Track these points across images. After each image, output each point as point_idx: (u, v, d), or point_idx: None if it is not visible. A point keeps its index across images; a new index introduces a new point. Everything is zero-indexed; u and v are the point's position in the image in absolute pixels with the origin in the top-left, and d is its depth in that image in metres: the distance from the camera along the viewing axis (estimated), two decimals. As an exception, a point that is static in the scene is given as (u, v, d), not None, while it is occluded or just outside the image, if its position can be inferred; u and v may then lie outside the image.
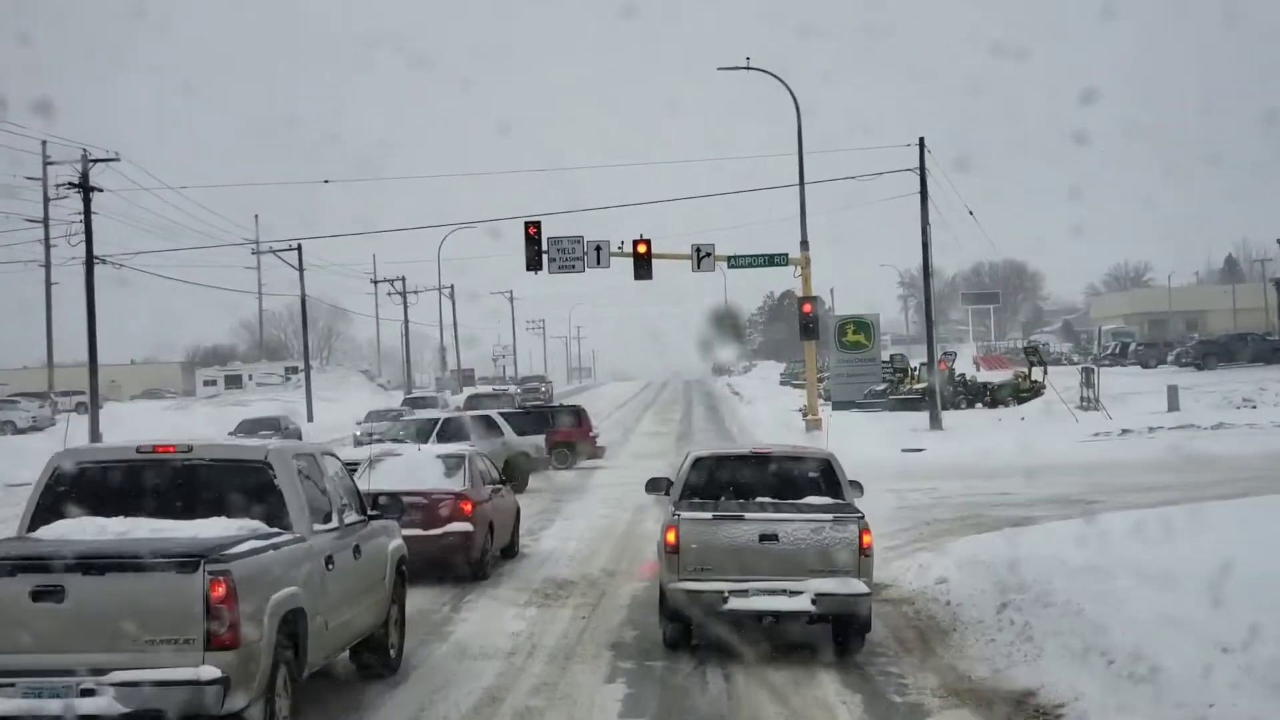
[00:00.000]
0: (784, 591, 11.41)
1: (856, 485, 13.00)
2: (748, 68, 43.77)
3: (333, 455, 10.47)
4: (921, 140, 42.18)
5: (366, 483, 16.09)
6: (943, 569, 15.24)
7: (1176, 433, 35.45)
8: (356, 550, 9.86)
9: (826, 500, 12.33)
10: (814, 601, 11.35)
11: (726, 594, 11.41)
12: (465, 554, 15.65)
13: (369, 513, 10.59)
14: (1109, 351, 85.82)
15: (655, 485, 14.05)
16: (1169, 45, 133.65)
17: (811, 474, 12.77)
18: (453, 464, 16.52)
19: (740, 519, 11.65)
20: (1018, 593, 12.66)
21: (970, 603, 13.21)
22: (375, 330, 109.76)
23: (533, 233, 41.04)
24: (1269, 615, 9.59)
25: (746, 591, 11.40)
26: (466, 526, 15.58)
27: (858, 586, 11.40)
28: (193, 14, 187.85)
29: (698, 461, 13.05)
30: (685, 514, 11.78)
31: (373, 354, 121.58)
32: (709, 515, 11.77)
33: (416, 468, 16.27)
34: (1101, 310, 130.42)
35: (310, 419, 64.53)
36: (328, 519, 9.45)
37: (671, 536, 11.66)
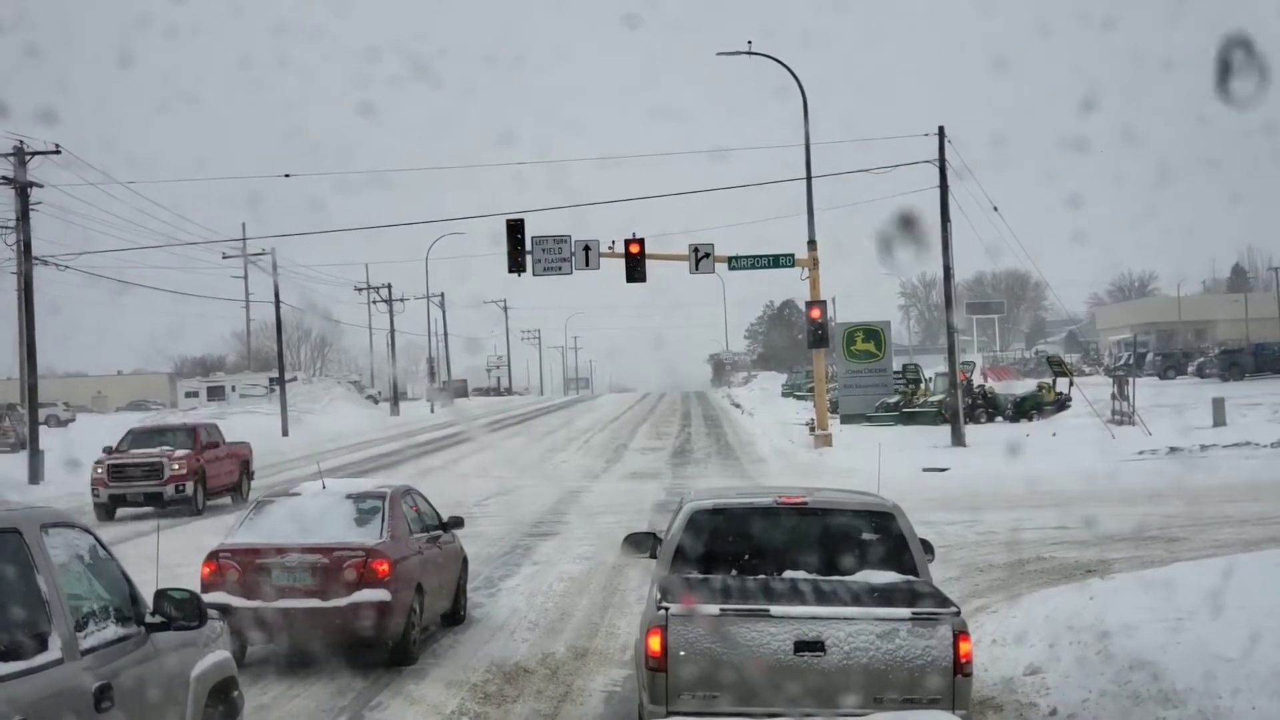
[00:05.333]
0: None
1: (927, 548, 8.96)
2: (750, 52, 40.31)
3: (81, 529, 6.38)
4: (941, 130, 38.52)
5: (248, 533, 12.27)
6: (1028, 649, 11.29)
7: (1233, 451, 31.58)
8: (102, 694, 5.87)
9: (894, 579, 8.20)
10: None
11: None
12: (381, 630, 11.53)
13: (148, 620, 6.53)
14: (1122, 362, 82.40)
15: (636, 544, 9.91)
16: (1168, 51, 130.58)
17: (866, 535, 8.56)
18: (367, 507, 12.27)
19: (765, 615, 7.56)
20: (1163, 707, 8.65)
21: (1089, 717, 9.19)
22: (368, 341, 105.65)
23: (515, 230, 37.29)
24: None
25: None
26: (381, 594, 11.40)
27: None
28: (190, 20, 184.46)
29: (696, 516, 8.76)
30: (678, 609, 7.67)
31: (367, 365, 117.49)
32: (715, 609, 7.63)
33: (315, 513, 11.99)
34: (1106, 320, 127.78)
35: (285, 433, 60.38)
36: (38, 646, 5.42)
37: (655, 643, 7.55)
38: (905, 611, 7.60)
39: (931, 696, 7.40)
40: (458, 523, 14.41)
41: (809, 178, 38.90)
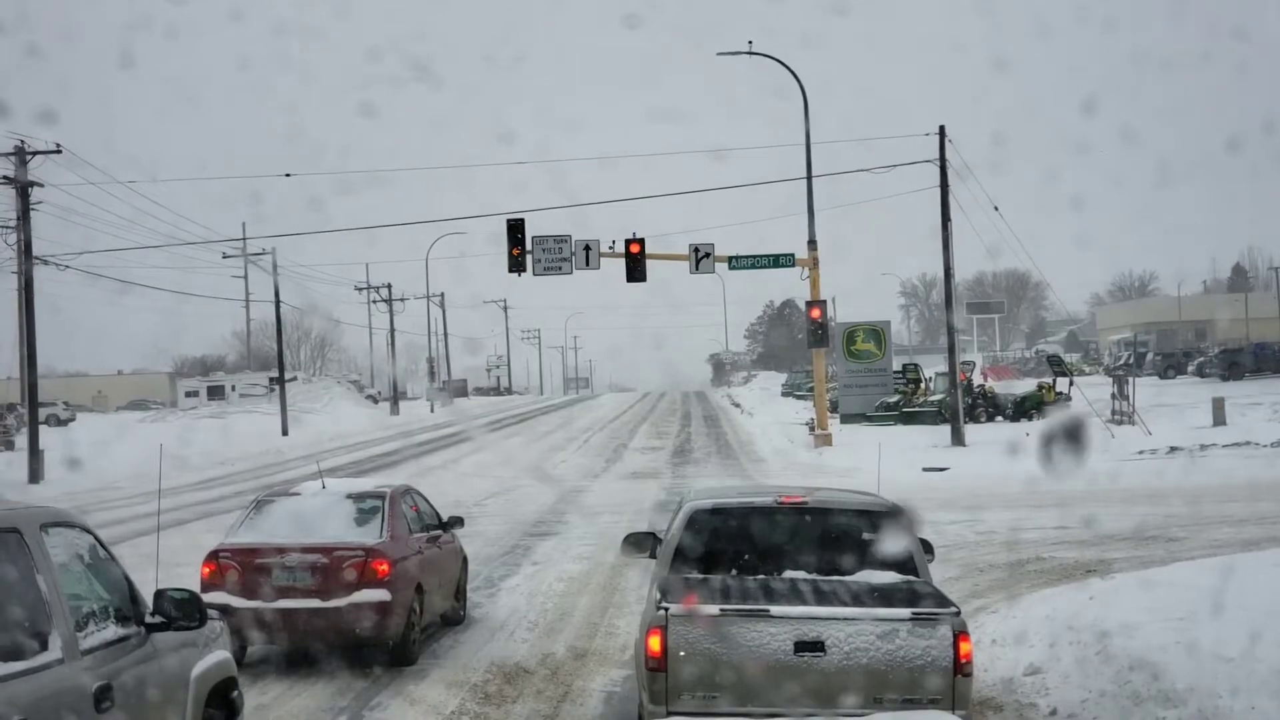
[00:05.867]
0: None
1: (927, 547, 8.97)
2: (750, 53, 40.39)
3: (81, 528, 6.37)
4: (942, 129, 38.52)
5: (248, 533, 12.26)
6: (1028, 649, 11.29)
7: (1233, 450, 31.56)
8: (102, 694, 5.86)
9: (895, 579, 8.19)
10: None
11: None
12: (381, 630, 11.53)
13: (148, 620, 6.52)
14: (1122, 361, 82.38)
15: (636, 543, 9.91)
16: (1168, 52, 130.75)
17: (867, 534, 8.53)
18: (367, 507, 12.27)
19: (765, 615, 7.56)
20: (1163, 707, 8.65)
21: (1089, 717, 9.19)
22: (368, 340, 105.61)
23: (515, 230, 37.30)
24: None
25: None
26: (381, 594, 11.42)
27: None
28: (190, 21, 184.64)
29: (696, 516, 8.75)
30: (678, 609, 7.67)
31: (367, 365, 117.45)
32: (715, 609, 7.62)
33: (315, 513, 12.00)
34: (1107, 320, 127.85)
35: (285, 433, 60.34)
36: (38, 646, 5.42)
37: (655, 643, 7.53)
38: (905, 612, 7.59)
39: (931, 696, 7.39)
40: (457, 522, 14.41)
41: (809, 177, 38.96)
